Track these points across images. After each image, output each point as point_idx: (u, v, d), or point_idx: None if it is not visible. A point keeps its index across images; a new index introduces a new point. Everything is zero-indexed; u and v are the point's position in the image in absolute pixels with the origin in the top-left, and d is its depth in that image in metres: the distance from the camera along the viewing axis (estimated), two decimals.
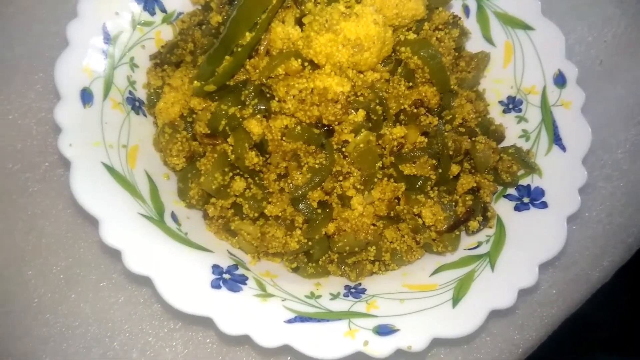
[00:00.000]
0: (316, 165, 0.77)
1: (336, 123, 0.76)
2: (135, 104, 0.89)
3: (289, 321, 0.73)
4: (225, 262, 0.79)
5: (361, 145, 0.78)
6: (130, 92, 0.89)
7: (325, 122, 0.75)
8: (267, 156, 0.80)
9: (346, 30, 0.74)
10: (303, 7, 0.78)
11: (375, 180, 0.81)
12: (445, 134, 0.84)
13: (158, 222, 0.78)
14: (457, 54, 0.94)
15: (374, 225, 0.82)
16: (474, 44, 1.04)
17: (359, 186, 0.80)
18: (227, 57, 0.76)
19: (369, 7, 0.77)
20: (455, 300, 0.78)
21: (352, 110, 0.77)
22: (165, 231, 0.78)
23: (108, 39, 0.88)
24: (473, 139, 0.88)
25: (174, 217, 0.82)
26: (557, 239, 0.83)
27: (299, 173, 0.77)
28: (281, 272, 0.83)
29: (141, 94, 0.91)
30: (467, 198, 0.87)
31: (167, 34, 0.97)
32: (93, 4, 0.87)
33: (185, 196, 0.84)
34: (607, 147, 1.13)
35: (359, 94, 0.79)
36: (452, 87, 0.85)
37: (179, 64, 0.91)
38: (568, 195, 0.86)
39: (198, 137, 0.82)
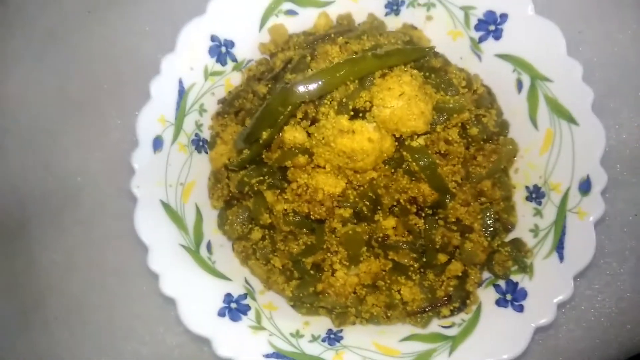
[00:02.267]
0: (308, 242, 0.93)
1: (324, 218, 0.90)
2: (199, 144, 1.10)
3: (267, 355, 0.95)
4: (237, 291, 1.02)
5: (349, 232, 0.92)
6: (196, 134, 1.10)
7: (312, 218, 0.90)
8: None
9: (340, 145, 0.85)
10: (317, 111, 0.89)
11: (362, 258, 0.95)
12: (435, 230, 0.92)
13: (193, 252, 1.03)
14: (482, 143, 0.98)
15: (354, 293, 0.97)
16: (518, 123, 1.05)
17: (345, 262, 0.95)
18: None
19: (369, 123, 0.86)
20: None
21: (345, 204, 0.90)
22: (197, 261, 1.02)
23: (182, 91, 1.08)
24: (467, 235, 0.95)
25: (209, 246, 1.05)
26: (516, 346, 0.90)
27: (295, 244, 0.95)
28: (282, 305, 1.04)
29: (206, 134, 1.12)
30: (451, 283, 0.97)
31: (236, 79, 1.14)
32: (172, 62, 1.07)
33: (221, 229, 1.07)
34: None
35: (356, 186, 0.91)
36: (450, 190, 0.91)
37: (239, 113, 1.09)
38: (545, 306, 0.91)
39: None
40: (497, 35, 1.04)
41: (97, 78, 1.33)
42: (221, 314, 0.98)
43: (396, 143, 0.89)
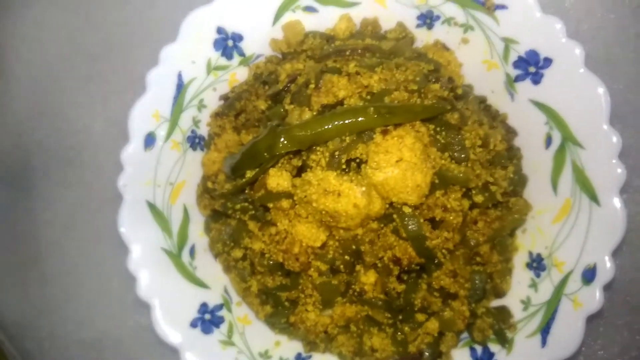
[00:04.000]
0: (283, 282, 0.91)
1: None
2: (195, 141, 1.04)
3: None
4: (214, 300, 1.02)
5: (324, 282, 0.88)
6: (192, 131, 1.04)
7: (286, 267, 0.86)
8: None
9: (323, 205, 0.78)
10: (308, 156, 0.82)
11: (336, 303, 0.92)
12: (415, 294, 0.88)
13: (175, 257, 1.02)
14: (487, 209, 0.89)
15: (325, 332, 0.95)
16: (538, 180, 0.94)
17: (318, 305, 0.92)
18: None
19: (357, 186, 0.78)
20: None
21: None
22: (177, 266, 1.01)
23: (181, 86, 1.00)
24: (449, 301, 0.89)
25: (192, 250, 1.04)
26: None
27: (270, 279, 0.92)
28: (256, 320, 1.04)
29: (204, 130, 1.06)
30: (425, 340, 0.94)
31: (243, 74, 1.05)
32: (173, 54, 0.98)
33: (207, 234, 1.04)
34: None
35: (339, 239, 0.85)
36: (439, 259, 0.85)
37: (239, 115, 1.01)
38: None
39: None
40: (537, 79, 0.90)
41: (109, 36, 1.26)
42: (194, 325, 0.99)
43: (387, 205, 0.82)
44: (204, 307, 1.01)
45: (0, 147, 1.31)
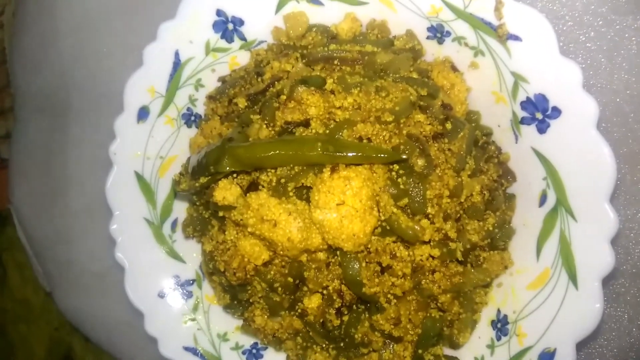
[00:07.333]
0: (232, 283, 0.91)
1: None
2: (190, 119, 1.04)
3: (186, 348, 1.02)
4: (186, 275, 1.06)
5: (268, 296, 0.87)
6: (188, 109, 1.03)
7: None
8: None
9: (259, 231, 0.75)
10: (259, 176, 0.78)
11: (283, 314, 0.91)
12: (355, 329, 0.84)
13: (155, 227, 1.05)
14: (447, 262, 0.81)
15: (274, 336, 0.96)
16: (525, 238, 0.84)
17: (266, 312, 0.92)
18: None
19: (295, 220, 0.73)
20: None
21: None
22: (156, 236, 1.05)
23: (178, 64, 0.98)
24: (391, 343, 0.85)
25: (174, 223, 1.06)
26: None
27: (224, 278, 0.93)
28: None
29: (200, 109, 1.04)
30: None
31: (244, 58, 1.00)
32: (171, 31, 0.95)
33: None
34: None
35: (284, 262, 0.83)
36: (382, 304, 0.80)
37: (232, 100, 0.99)
38: None
39: None
40: (542, 128, 0.77)
41: None
42: (161, 295, 1.04)
43: None
44: (175, 279, 1.05)
45: (46, 82, 1.40)
